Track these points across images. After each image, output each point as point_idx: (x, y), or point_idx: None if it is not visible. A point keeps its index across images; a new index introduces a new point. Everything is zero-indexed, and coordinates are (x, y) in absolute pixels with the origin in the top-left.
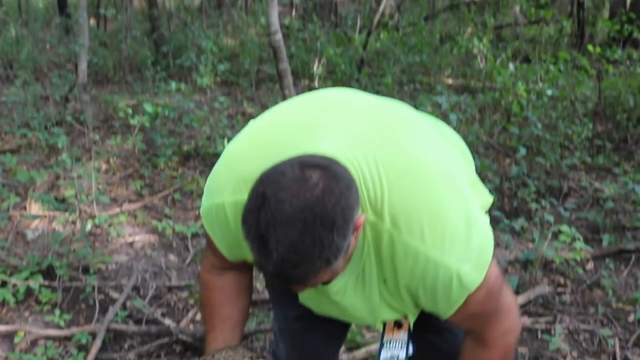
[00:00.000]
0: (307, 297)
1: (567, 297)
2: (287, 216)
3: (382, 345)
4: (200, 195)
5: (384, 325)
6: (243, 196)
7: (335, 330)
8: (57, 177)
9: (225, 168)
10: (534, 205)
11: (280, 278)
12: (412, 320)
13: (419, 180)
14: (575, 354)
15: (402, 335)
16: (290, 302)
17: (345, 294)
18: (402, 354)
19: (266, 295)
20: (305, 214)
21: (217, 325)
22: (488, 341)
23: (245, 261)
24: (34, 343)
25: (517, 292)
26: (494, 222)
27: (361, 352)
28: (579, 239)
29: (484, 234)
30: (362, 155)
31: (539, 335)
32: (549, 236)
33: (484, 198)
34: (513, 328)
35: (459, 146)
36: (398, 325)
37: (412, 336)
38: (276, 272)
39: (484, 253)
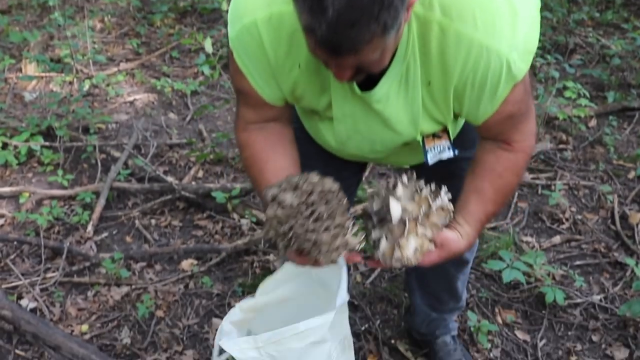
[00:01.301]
0: (344, 115)
1: (568, 154)
2: None
3: (426, 152)
4: (197, 51)
5: (423, 139)
6: (279, 7)
7: (349, 188)
8: (51, 37)
9: None
10: (539, 61)
11: (332, 42)
12: (450, 130)
13: None
14: (574, 209)
15: (444, 142)
16: (308, 164)
17: (388, 101)
18: (450, 153)
19: None
20: None
21: (271, 179)
22: (514, 144)
23: (282, 108)
24: (39, 203)
25: None
26: None
27: (362, 206)
28: (584, 96)
29: (529, 23)
30: None
31: (539, 191)
32: (553, 92)
33: None
34: (534, 130)
35: None
36: (437, 137)
37: (453, 144)
38: (329, 33)
39: (529, 42)
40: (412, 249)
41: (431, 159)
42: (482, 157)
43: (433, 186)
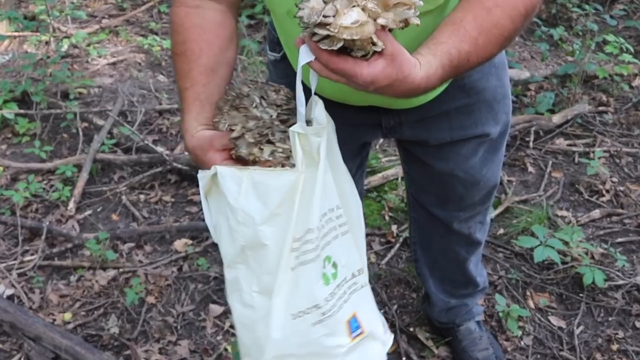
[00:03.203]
0: None
1: (609, 117)
2: None
3: None
4: None
5: None
6: None
7: (357, 143)
8: None
9: None
10: (576, 12)
11: None
12: None
13: None
14: (615, 179)
15: None
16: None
17: None
18: None
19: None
20: None
21: (197, 78)
22: None
23: None
24: (14, 178)
25: (553, 110)
26: (529, 30)
27: (377, 178)
28: (627, 51)
29: None
30: None
31: (576, 159)
32: (592, 47)
33: None
34: None
35: None
36: None
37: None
38: None
39: None
40: (351, 19)
41: None
42: None
43: None
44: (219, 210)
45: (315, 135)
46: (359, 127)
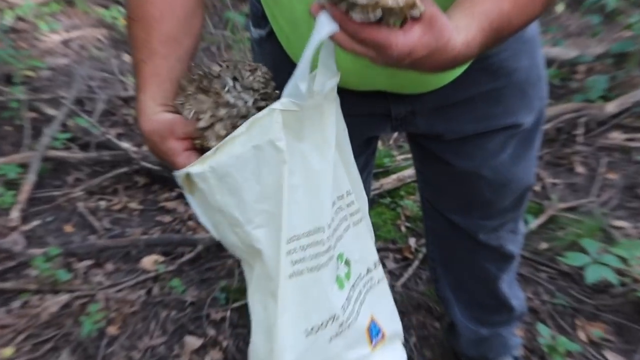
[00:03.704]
0: None
1: None
2: None
3: None
4: None
5: None
6: None
7: (367, 148)
8: None
9: None
10: None
11: None
12: None
13: None
14: None
15: None
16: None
17: None
18: None
19: None
20: None
21: (157, 49)
22: None
23: None
24: None
25: (607, 97)
26: (576, 0)
27: (390, 180)
28: None
29: None
30: None
31: (636, 157)
32: None
33: None
34: None
35: None
36: None
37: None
38: None
39: None
40: None
41: None
42: None
43: None
44: (212, 208)
45: (316, 109)
46: (361, 117)
